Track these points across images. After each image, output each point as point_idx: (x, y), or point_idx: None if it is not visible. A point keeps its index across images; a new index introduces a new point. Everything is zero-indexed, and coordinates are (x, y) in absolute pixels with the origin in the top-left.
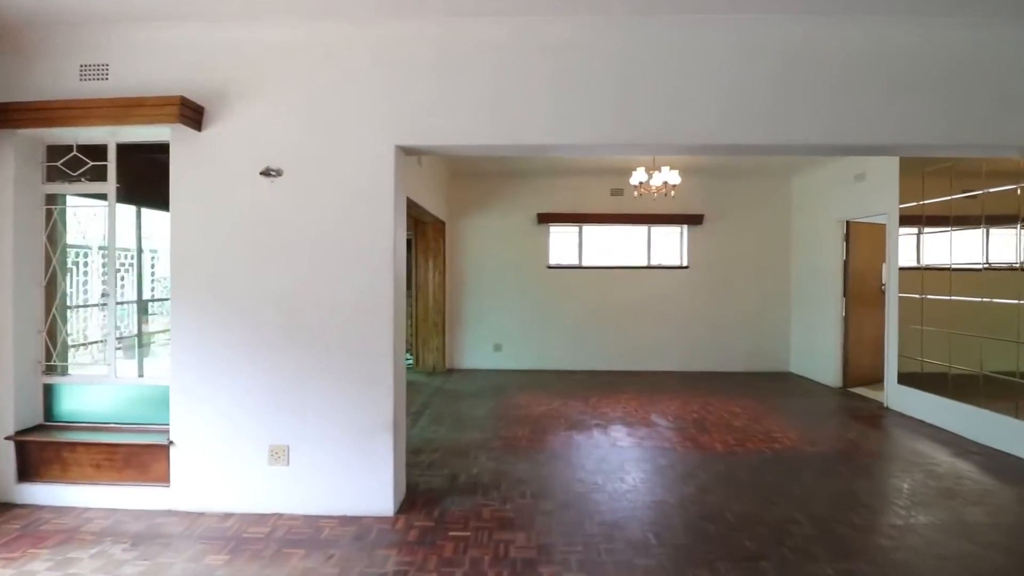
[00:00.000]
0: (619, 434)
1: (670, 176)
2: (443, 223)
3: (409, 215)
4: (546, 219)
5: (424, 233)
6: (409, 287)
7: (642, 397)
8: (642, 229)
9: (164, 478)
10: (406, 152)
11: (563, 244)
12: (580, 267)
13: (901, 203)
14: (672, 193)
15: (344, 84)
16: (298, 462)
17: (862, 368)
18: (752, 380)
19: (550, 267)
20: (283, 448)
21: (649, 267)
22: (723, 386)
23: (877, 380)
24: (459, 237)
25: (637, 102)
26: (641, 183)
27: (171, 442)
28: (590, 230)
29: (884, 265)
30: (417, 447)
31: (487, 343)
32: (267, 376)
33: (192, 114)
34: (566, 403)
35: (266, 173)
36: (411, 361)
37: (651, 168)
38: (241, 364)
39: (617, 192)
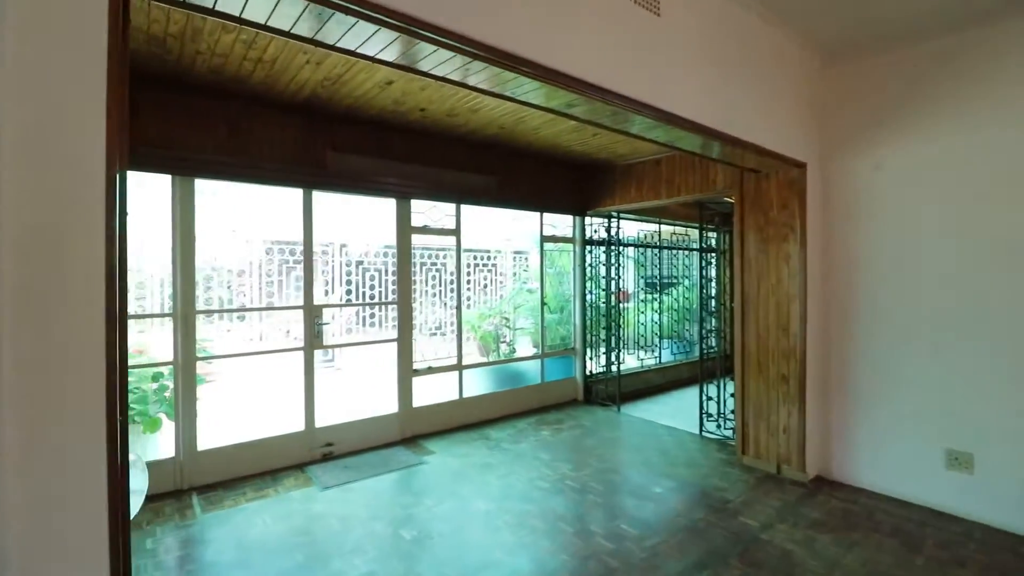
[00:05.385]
0: None
1: None
2: (801, 167)
3: (715, 159)
4: None
5: (758, 194)
6: (721, 301)
7: None
8: None
9: None
10: None
11: None
12: None
13: None
14: None
15: None
16: None
17: None
18: None
19: None
20: None
21: None
22: None
23: None
24: (843, 195)
25: None
26: None
27: None
28: None
29: None
30: None
31: (926, 442)
32: None
33: None
34: None
35: None
36: (728, 437)
37: None
38: None
39: None
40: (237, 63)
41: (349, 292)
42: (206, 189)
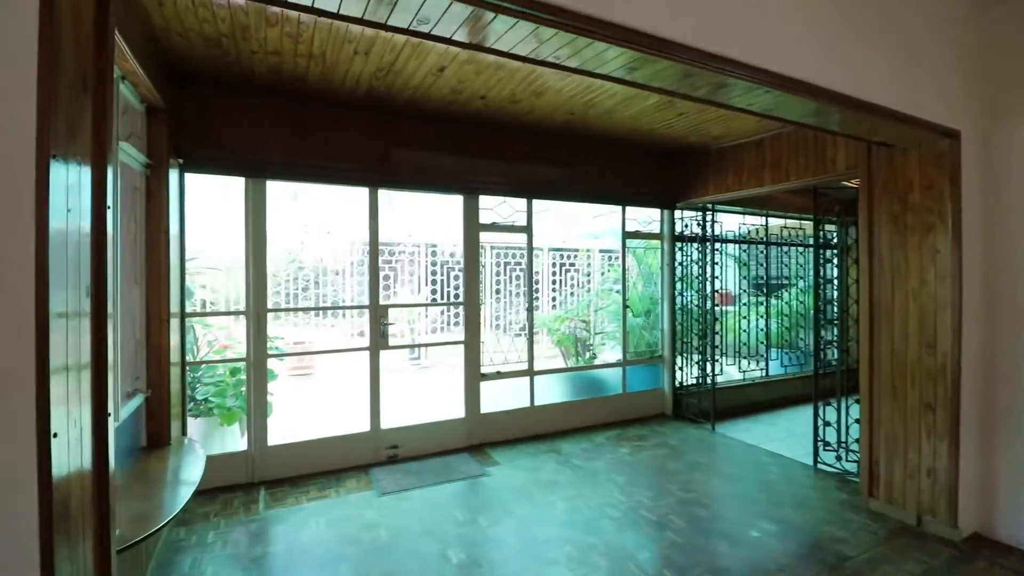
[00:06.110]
0: None
1: None
2: (953, 136)
3: (833, 132)
4: None
5: (892, 173)
6: (844, 307)
7: None
8: None
9: None
10: None
11: None
12: None
13: None
14: None
15: None
16: None
17: None
18: None
19: None
20: None
21: None
22: None
23: None
24: (1017, 170)
25: None
26: None
27: None
28: None
29: None
30: None
31: None
32: None
33: None
34: None
35: None
36: (850, 472)
37: None
38: None
39: None
40: (291, 60)
41: (434, 292)
42: (299, 192)
